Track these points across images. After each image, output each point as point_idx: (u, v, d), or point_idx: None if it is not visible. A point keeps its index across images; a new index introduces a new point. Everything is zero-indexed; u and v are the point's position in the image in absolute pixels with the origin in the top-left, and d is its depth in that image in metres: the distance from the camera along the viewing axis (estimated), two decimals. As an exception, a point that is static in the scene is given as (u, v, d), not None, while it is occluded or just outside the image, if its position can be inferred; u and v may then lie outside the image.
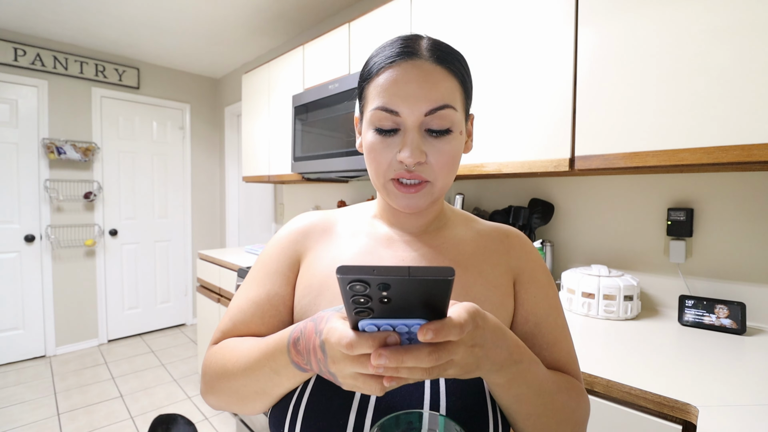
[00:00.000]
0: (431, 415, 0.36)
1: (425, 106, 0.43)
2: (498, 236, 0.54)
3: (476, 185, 1.69)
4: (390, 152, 0.45)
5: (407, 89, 0.43)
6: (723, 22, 0.84)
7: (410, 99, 0.43)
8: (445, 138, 0.45)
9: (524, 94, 1.18)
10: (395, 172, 0.46)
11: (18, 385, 2.46)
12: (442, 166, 0.46)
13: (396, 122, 0.44)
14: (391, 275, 0.27)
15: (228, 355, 0.47)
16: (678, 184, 1.18)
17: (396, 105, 0.43)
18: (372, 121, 0.46)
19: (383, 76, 0.45)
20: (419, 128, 0.44)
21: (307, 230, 0.55)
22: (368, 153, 0.47)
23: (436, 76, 0.44)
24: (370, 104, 0.46)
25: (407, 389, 0.42)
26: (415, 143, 0.44)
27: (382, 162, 0.46)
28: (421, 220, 0.53)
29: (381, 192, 0.49)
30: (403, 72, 0.44)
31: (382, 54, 0.46)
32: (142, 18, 2.48)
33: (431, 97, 0.43)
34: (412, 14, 1.48)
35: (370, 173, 0.49)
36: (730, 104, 0.84)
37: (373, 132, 0.46)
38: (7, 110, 2.72)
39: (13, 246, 2.77)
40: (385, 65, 0.45)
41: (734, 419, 0.62)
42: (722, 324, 1.02)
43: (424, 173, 0.45)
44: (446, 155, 0.45)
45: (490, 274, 0.50)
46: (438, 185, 0.47)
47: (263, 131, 2.42)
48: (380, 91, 0.45)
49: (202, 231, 3.74)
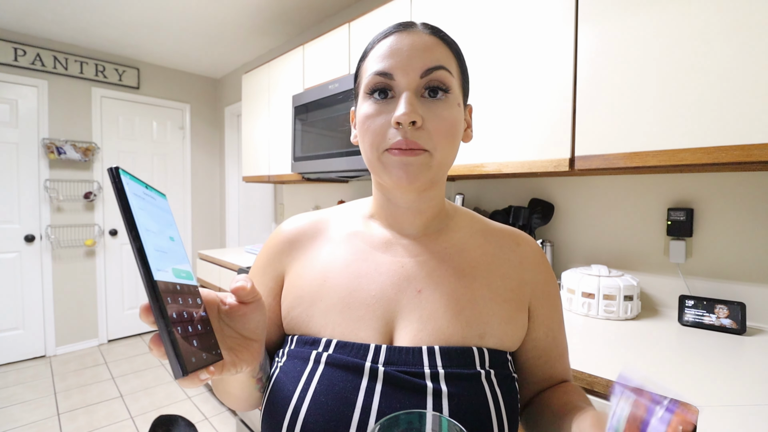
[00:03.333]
0: (432, 415, 0.36)
1: (420, 66, 0.42)
2: (508, 243, 0.51)
3: (476, 185, 1.69)
4: (385, 119, 0.42)
5: (401, 52, 0.43)
6: (723, 22, 0.84)
7: (404, 60, 0.42)
8: (444, 102, 0.43)
9: (524, 94, 1.18)
10: (390, 142, 0.42)
11: (18, 385, 2.46)
12: (441, 133, 0.42)
13: (390, 86, 0.43)
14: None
15: None
16: (678, 184, 1.18)
17: (390, 67, 0.42)
18: (366, 89, 0.44)
19: (377, 47, 0.45)
20: (415, 91, 0.43)
21: (295, 238, 0.52)
22: (362, 124, 0.44)
23: (429, 42, 0.44)
24: (365, 77, 0.45)
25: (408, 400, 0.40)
26: (410, 101, 0.41)
27: (376, 130, 0.43)
28: (421, 219, 0.49)
29: (376, 168, 0.45)
30: (397, 39, 0.44)
31: (377, 35, 0.46)
32: (142, 18, 2.48)
33: (425, 57, 0.43)
34: (412, 14, 1.48)
35: (364, 149, 0.46)
36: (730, 104, 0.84)
37: (367, 99, 0.44)
38: (7, 110, 2.72)
39: (13, 246, 2.77)
40: (378, 39, 0.45)
41: (734, 419, 0.62)
42: (722, 324, 1.02)
43: (421, 140, 0.42)
44: (444, 121, 0.42)
45: (499, 287, 0.47)
46: (437, 156, 0.43)
47: (263, 131, 2.42)
48: (374, 60, 0.44)
49: (202, 231, 3.74)
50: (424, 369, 0.41)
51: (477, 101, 1.29)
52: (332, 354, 0.42)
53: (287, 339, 0.47)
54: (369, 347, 0.42)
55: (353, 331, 0.44)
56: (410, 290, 0.46)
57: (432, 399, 0.40)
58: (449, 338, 0.43)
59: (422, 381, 0.40)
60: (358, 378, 0.41)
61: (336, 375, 0.41)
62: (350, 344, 0.43)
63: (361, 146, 0.46)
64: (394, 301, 0.45)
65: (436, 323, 0.44)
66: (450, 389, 0.40)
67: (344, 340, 0.43)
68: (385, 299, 0.45)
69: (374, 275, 0.47)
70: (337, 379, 0.41)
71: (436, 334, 0.43)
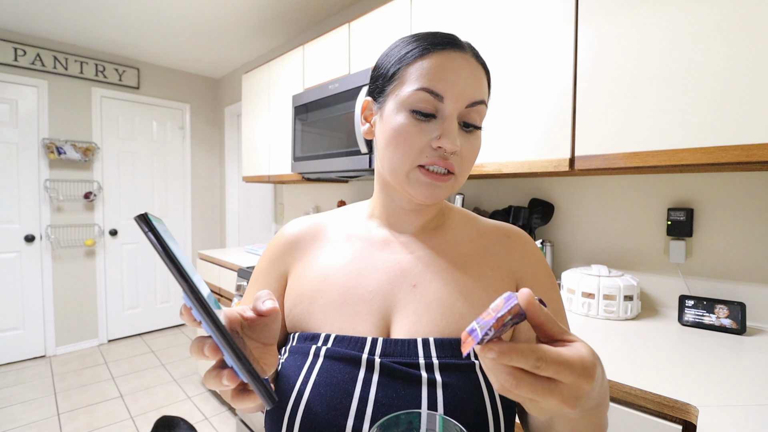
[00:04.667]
0: (431, 414, 0.36)
1: (469, 98, 0.43)
2: (499, 236, 0.52)
3: (476, 185, 1.69)
4: (424, 138, 0.43)
5: (455, 77, 0.43)
6: (723, 22, 0.84)
7: (457, 87, 0.43)
8: (476, 134, 0.46)
9: (524, 94, 1.18)
10: (427, 159, 0.43)
11: (18, 385, 2.46)
12: (468, 161, 0.46)
13: (436, 107, 0.43)
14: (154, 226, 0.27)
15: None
16: (678, 184, 1.18)
17: (442, 89, 0.43)
18: (409, 102, 0.43)
19: (430, 59, 0.43)
20: (458, 118, 0.44)
21: (296, 240, 0.54)
22: (397, 136, 0.44)
23: (478, 72, 0.45)
24: (408, 86, 0.44)
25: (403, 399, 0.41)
26: (456, 131, 0.43)
27: (413, 146, 0.43)
28: (421, 219, 0.51)
29: (401, 180, 0.46)
30: (452, 60, 0.43)
31: (426, 40, 0.45)
32: (142, 18, 2.48)
33: (475, 90, 0.44)
34: (412, 14, 1.48)
35: (391, 159, 0.45)
36: (730, 104, 0.84)
37: (408, 114, 0.44)
38: (7, 110, 2.72)
39: (13, 246, 2.77)
40: (433, 50, 0.44)
41: (734, 419, 0.62)
42: (722, 324, 1.02)
43: (455, 164, 0.44)
44: (474, 151, 0.46)
45: (490, 278, 0.48)
46: (459, 180, 0.46)
47: (263, 131, 2.42)
48: (425, 73, 0.43)
49: (202, 231, 3.74)
50: (419, 360, 0.42)
51: (477, 101, 1.29)
52: (331, 347, 0.44)
53: (290, 336, 0.49)
54: (366, 340, 0.44)
55: (351, 326, 0.46)
56: (406, 285, 0.47)
57: (427, 389, 0.41)
58: (443, 330, 0.44)
59: (417, 371, 0.42)
60: (355, 369, 0.42)
61: (334, 367, 0.43)
62: (348, 338, 0.44)
63: (388, 155, 0.46)
64: (390, 296, 0.47)
65: (430, 315, 0.45)
66: (444, 379, 0.41)
67: (342, 335, 0.45)
68: (382, 294, 0.47)
69: (372, 272, 0.49)
70: (335, 371, 0.42)
71: (431, 326, 0.45)
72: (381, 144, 0.47)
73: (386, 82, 0.46)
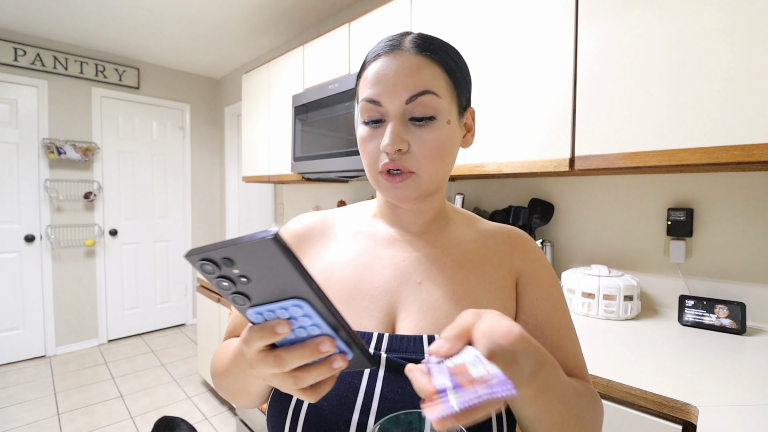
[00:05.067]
0: (431, 415, 0.36)
1: (404, 94, 0.44)
2: (501, 237, 0.53)
3: (476, 185, 1.69)
4: (376, 144, 0.46)
5: (387, 79, 0.44)
6: (723, 22, 0.84)
7: (390, 88, 0.44)
8: (429, 126, 0.45)
9: (524, 94, 1.18)
10: (381, 164, 0.46)
11: (18, 385, 2.46)
12: (425, 156, 0.45)
13: (380, 113, 0.45)
14: (220, 247, 0.24)
15: (220, 356, 0.50)
16: (678, 184, 1.18)
17: (378, 95, 0.45)
18: (361, 114, 0.47)
19: (368, 69, 0.46)
20: (402, 117, 0.45)
21: (304, 233, 0.55)
22: (360, 145, 0.48)
23: (416, 63, 0.44)
24: (360, 97, 0.48)
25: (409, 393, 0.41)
26: (394, 131, 0.44)
27: (370, 154, 0.47)
28: (422, 219, 0.52)
29: (375, 186, 0.49)
30: (384, 64, 0.45)
31: (371, 51, 0.48)
32: (142, 18, 2.48)
33: (410, 83, 0.44)
34: (412, 14, 1.48)
35: (365, 167, 0.50)
36: (730, 104, 0.84)
37: (362, 125, 0.47)
38: (7, 110, 2.72)
39: (13, 246, 2.77)
40: (370, 60, 0.47)
41: (734, 419, 0.62)
42: (722, 324, 1.02)
43: (407, 163, 0.45)
44: (429, 144, 0.45)
45: (492, 276, 0.49)
46: (423, 176, 0.46)
47: (263, 131, 2.42)
48: (365, 85, 0.46)
49: (202, 231, 3.74)
50: (424, 355, 0.43)
51: (477, 101, 1.29)
52: None
53: None
54: (372, 335, 0.45)
55: (357, 321, 0.46)
56: (411, 282, 0.48)
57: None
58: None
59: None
60: None
61: None
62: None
63: (363, 163, 0.50)
64: (396, 293, 0.47)
65: (435, 313, 0.46)
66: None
67: None
68: (388, 291, 0.48)
69: (378, 269, 0.49)
70: None
71: (436, 323, 0.45)
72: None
73: (355, 95, 0.51)
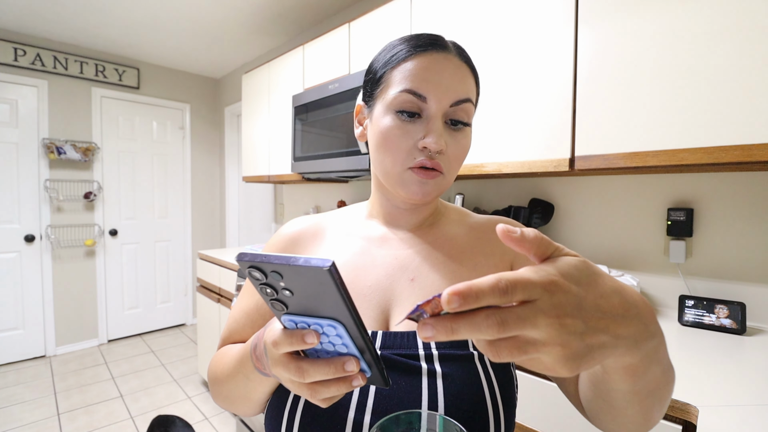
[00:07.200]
0: (431, 415, 0.36)
1: (453, 96, 0.44)
2: (490, 227, 0.54)
3: (476, 185, 1.69)
4: (410, 139, 0.44)
5: (438, 77, 0.44)
6: (723, 22, 0.84)
7: (440, 87, 0.44)
8: (463, 132, 0.46)
9: (524, 94, 1.18)
10: (415, 160, 0.45)
11: (18, 385, 2.46)
12: (456, 159, 0.46)
13: (420, 108, 0.44)
14: (274, 261, 0.25)
15: (219, 363, 0.49)
16: (678, 184, 1.18)
17: (425, 90, 0.44)
18: (394, 104, 0.45)
19: (413, 61, 0.45)
20: (443, 118, 0.45)
21: (296, 237, 0.55)
22: (384, 138, 0.45)
23: (462, 71, 0.46)
24: (393, 88, 0.45)
25: (404, 390, 0.41)
26: (440, 130, 0.44)
27: (401, 148, 0.45)
28: (418, 217, 0.53)
29: (393, 181, 0.47)
30: (434, 61, 0.44)
31: (409, 43, 0.46)
32: (142, 18, 2.48)
33: (459, 89, 0.45)
34: (412, 14, 1.48)
35: (383, 162, 0.47)
36: (730, 104, 0.84)
37: (393, 116, 0.45)
38: (7, 110, 2.72)
39: (13, 246, 2.77)
40: (416, 52, 0.45)
41: (734, 419, 0.62)
42: (722, 324, 1.02)
43: (442, 163, 0.45)
44: (461, 149, 0.46)
45: (484, 266, 0.50)
46: (448, 178, 0.47)
47: (263, 131, 2.42)
48: (408, 76, 0.44)
49: (202, 231, 3.74)
50: (418, 351, 0.43)
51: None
52: None
53: None
54: None
55: None
56: (404, 279, 0.48)
57: (427, 379, 0.42)
58: None
59: (417, 362, 0.42)
60: None
61: None
62: None
63: (379, 157, 0.47)
64: (389, 290, 0.48)
65: None
66: (444, 369, 0.42)
67: None
68: (380, 289, 0.48)
69: (370, 268, 0.50)
70: None
71: None
72: (372, 147, 0.49)
73: (374, 86, 0.48)
